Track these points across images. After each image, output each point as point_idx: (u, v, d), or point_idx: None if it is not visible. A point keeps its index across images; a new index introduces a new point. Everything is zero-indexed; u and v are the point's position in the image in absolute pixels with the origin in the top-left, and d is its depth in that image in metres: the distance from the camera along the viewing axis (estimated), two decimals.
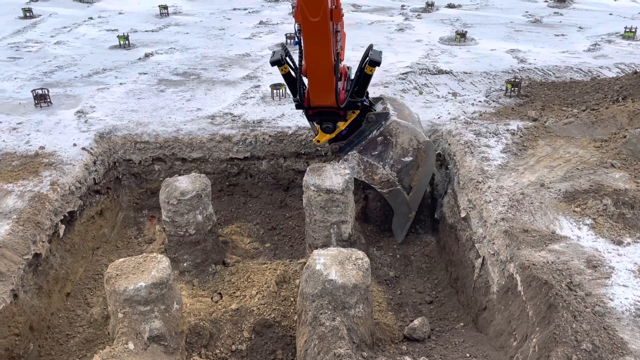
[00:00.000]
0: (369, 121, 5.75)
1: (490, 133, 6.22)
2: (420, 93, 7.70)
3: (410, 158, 5.69)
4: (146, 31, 11.79)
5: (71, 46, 10.62)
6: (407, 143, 5.65)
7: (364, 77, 5.36)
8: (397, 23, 12.30)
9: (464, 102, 7.34)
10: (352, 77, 5.50)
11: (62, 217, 5.35)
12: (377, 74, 8.58)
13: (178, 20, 12.84)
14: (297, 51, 4.96)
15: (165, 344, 4.05)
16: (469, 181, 5.42)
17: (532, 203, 4.81)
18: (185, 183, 5.34)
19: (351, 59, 9.34)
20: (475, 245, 4.93)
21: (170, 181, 5.40)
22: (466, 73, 8.60)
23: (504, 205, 4.81)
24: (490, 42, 10.48)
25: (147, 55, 9.82)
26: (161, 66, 9.22)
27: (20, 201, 5.07)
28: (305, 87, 5.29)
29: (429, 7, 13.73)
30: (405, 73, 8.64)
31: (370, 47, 5.38)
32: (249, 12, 13.57)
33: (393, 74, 8.61)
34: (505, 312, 4.11)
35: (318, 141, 5.79)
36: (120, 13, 13.68)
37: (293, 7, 4.53)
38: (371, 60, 5.20)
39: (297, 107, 5.48)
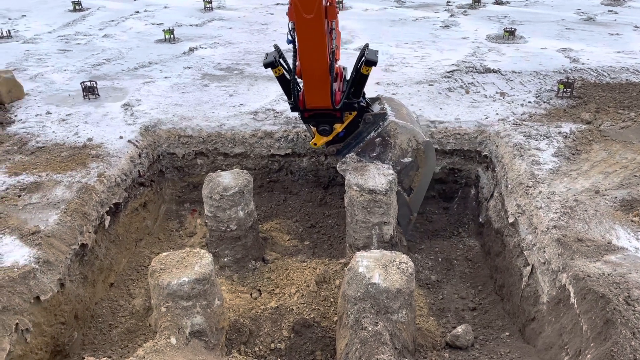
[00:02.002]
0: (366, 122, 5.62)
1: (541, 135, 5.98)
2: (467, 92, 7.48)
3: (410, 159, 5.53)
4: (190, 25, 11.92)
5: (118, 39, 10.84)
6: (406, 144, 5.49)
7: (360, 78, 5.19)
8: (443, 20, 12.04)
9: (512, 102, 7.09)
10: (348, 77, 5.34)
11: (108, 209, 5.45)
12: (421, 72, 8.46)
13: (222, 15, 12.93)
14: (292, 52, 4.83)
15: (206, 339, 4.06)
16: (518, 185, 5.22)
17: (586, 211, 4.59)
18: (228, 179, 5.34)
19: (395, 56, 9.23)
20: (524, 252, 4.74)
21: (213, 176, 5.41)
22: (515, 72, 8.31)
23: (556, 212, 4.60)
24: (541, 41, 10.11)
25: (191, 50, 9.92)
26: (205, 61, 9.29)
27: (69, 192, 5.17)
28: (300, 88, 5.17)
29: (476, 4, 13.38)
30: (451, 71, 8.42)
31: (366, 46, 5.21)
32: None
33: (438, 72, 8.41)
34: (556, 324, 3.93)
35: (315, 144, 5.67)
36: (165, 7, 13.89)
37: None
38: (367, 60, 5.02)
39: (292, 109, 5.36)
